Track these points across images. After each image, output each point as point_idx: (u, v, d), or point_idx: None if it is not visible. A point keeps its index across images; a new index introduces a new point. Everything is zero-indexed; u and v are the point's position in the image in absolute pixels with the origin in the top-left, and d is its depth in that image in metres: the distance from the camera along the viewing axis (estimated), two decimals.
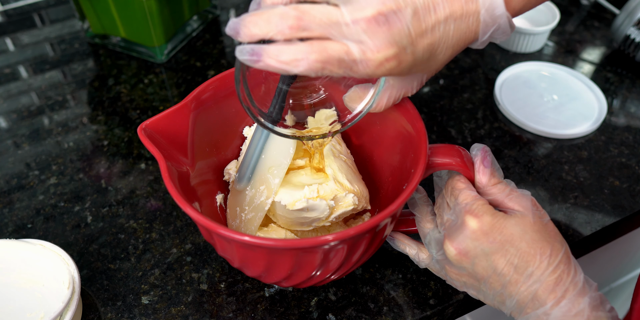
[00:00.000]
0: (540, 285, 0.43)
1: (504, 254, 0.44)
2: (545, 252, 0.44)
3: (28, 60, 0.83)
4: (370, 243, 0.48)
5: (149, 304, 0.56)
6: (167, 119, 0.51)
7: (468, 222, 0.45)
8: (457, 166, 0.48)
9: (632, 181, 0.68)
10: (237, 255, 0.48)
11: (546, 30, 0.81)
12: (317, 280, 0.51)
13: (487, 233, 0.45)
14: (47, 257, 0.53)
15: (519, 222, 0.45)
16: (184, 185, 0.50)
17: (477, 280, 0.47)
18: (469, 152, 0.49)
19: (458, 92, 0.79)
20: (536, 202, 0.47)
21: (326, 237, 0.42)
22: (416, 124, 0.50)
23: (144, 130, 0.49)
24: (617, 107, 0.77)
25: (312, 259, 0.46)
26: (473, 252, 0.45)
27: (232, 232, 0.43)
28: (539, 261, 0.44)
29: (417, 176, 0.46)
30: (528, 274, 0.44)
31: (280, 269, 0.47)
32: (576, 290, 0.43)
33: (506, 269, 0.44)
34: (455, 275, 0.49)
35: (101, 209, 0.64)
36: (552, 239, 0.45)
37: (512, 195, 0.47)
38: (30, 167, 0.69)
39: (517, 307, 0.45)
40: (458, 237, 0.46)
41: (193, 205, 0.49)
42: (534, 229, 0.45)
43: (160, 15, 0.76)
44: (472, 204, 0.46)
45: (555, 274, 0.43)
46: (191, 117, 0.52)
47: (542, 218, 0.46)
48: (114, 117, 0.75)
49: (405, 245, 0.54)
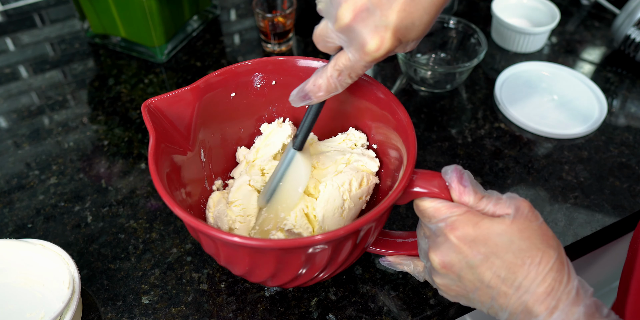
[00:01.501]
0: (531, 297, 0.41)
1: (489, 266, 0.43)
2: (535, 260, 0.42)
3: (28, 60, 0.83)
4: (354, 248, 0.48)
5: (149, 303, 0.56)
6: (173, 99, 0.52)
7: (449, 236, 0.44)
8: (437, 195, 0.47)
9: (632, 181, 0.68)
10: (222, 253, 0.48)
11: (546, 30, 0.81)
12: (303, 281, 0.51)
13: (470, 245, 0.43)
14: (47, 257, 0.53)
15: (505, 231, 0.43)
16: (173, 170, 0.51)
17: (466, 292, 0.45)
18: (443, 176, 0.47)
19: (458, 92, 0.79)
20: (528, 204, 0.45)
21: (314, 239, 0.42)
22: (411, 149, 0.49)
23: (147, 106, 0.50)
24: (617, 107, 0.77)
25: (295, 259, 0.46)
26: (458, 266, 0.44)
27: (213, 230, 0.43)
28: (527, 271, 0.42)
29: (390, 200, 0.45)
30: (517, 286, 0.42)
31: (264, 268, 0.47)
32: (569, 299, 0.41)
33: (493, 281, 0.43)
34: (445, 288, 0.47)
35: (101, 209, 0.64)
36: (544, 245, 0.43)
37: (499, 202, 0.45)
38: (30, 167, 0.69)
39: (511, 319, 0.44)
40: (441, 249, 0.44)
41: (178, 193, 0.50)
42: (522, 237, 0.43)
43: (161, 15, 0.76)
44: (449, 217, 0.44)
45: (546, 283, 0.41)
46: (198, 100, 0.53)
47: (534, 221, 0.44)
48: (114, 117, 0.75)
49: (403, 265, 0.53)
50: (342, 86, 0.47)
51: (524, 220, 0.44)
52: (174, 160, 0.51)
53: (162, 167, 0.48)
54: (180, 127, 0.53)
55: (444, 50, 0.82)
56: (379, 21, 0.41)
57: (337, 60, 0.45)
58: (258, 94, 0.58)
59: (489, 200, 0.45)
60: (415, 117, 0.75)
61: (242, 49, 0.85)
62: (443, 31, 0.80)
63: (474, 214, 0.44)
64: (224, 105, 0.57)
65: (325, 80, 0.46)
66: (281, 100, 0.59)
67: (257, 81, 0.57)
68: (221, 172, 0.60)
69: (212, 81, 0.54)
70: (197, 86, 0.53)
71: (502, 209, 0.45)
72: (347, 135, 0.58)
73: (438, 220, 0.45)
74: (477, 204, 0.45)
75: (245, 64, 0.56)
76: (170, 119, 0.52)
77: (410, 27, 0.42)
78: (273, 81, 0.57)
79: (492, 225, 0.43)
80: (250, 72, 0.56)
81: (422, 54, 0.82)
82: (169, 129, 0.52)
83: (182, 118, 0.53)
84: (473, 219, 0.44)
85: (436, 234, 0.45)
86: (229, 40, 0.87)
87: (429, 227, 0.46)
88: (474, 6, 0.92)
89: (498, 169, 0.69)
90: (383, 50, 0.42)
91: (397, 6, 0.41)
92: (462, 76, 0.77)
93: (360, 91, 0.55)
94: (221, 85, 0.55)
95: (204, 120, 0.55)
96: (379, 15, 0.41)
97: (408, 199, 0.48)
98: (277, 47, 0.83)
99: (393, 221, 0.63)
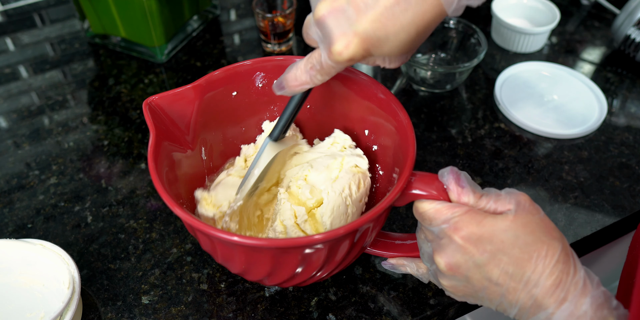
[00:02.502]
0: (540, 290, 0.42)
1: (497, 263, 0.42)
2: (541, 253, 0.42)
3: (28, 60, 0.83)
4: (352, 248, 0.48)
5: (149, 303, 0.56)
6: (175, 97, 0.52)
7: (453, 237, 0.44)
8: (435, 197, 0.46)
9: (632, 181, 0.68)
10: (219, 251, 0.48)
11: (546, 30, 0.81)
12: (301, 280, 0.51)
13: (476, 244, 0.43)
14: (47, 257, 0.53)
15: (509, 227, 0.43)
16: (173, 168, 0.51)
17: (474, 291, 0.45)
18: (440, 178, 0.47)
19: (458, 92, 0.79)
20: (528, 197, 0.45)
21: (311, 238, 0.42)
22: (410, 150, 0.49)
23: (149, 104, 0.51)
24: (617, 107, 0.77)
25: (291, 259, 0.46)
26: (465, 266, 0.44)
27: (210, 228, 0.43)
28: (534, 265, 0.42)
29: (386, 202, 0.45)
30: (525, 281, 0.42)
31: (260, 267, 0.47)
32: (577, 290, 0.41)
33: (502, 278, 0.43)
34: (452, 289, 0.47)
35: (101, 209, 0.64)
36: (548, 237, 0.43)
37: (499, 199, 0.45)
38: (30, 167, 0.69)
39: (521, 314, 0.44)
40: (447, 251, 0.44)
41: (177, 191, 0.50)
42: (527, 231, 0.43)
43: (161, 15, 0.76)
44: (451, 218, 0.44)
45: (554, 275, 0.41)
46: (200, 98, 0.54)
47: (535, 214, 0.44)
48: (114, 117, 0.75)
49: (405, 266, 0.53)
50: (314, 81, 0.46)
51: (526, 214, 0.44)
52: (173, 158, 0.51)
53: (162, 166, 0.48)
54: (181, 125, 0.53)
55: (444, 50, 0.82)
56: (350, 24, 0.41)
57: (312, 55, 0.45)
58: (260, 93, 0.58)
59: (488, 197, 0.45)
60: (415, 117, 0.75)
61: (242, 49, 0.85)
62: (443, 31, 0.80)
63: (476, 213, 0.44)
64: (225, 104, 0.57)
65: (299, 72, 0.46)
66: (283, 100, 0.59)
67: (259, 80, 0.57)
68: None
69: (214, 79, 0.54)
70: (199, 84, 0.53)
71: (503, 205, 0.45)
72: (334, 139, 0.57)
73: (440, 222, 0.45)
74: (478, 203, 0.45)
75: (246, 63, 0.56)
76: (171, 117, 0.52)
77: (383, 40, 0.41)
78: (275, 81, 0.57)
79: (495, 222, 0.43)
80: (252, 71, 0.56)
81: (422, 54, 0.82)
82: (170, 127, 0.52)
83: (184, 116, 0.53)
84: (476, 217, 0.44)
85: (439, 237, 0.45)
86: (229, 40, 0.87)
87: (431, 230, 0.46)
88: None
89: (498, 169, 0.69)
90: (347, 55, 0.42)
91: (373, 15, 0.40)
92: (462, 76, 0.77)
93: (361, 91, 0.55)
94: (223, 84, 0.55)
95: (205, 118, 0.55)
96: (353, 19, 0.40)
97: (406, 200, 0.47)
98: (277, 47, 0.83)
99: (393, 221, 0.63)
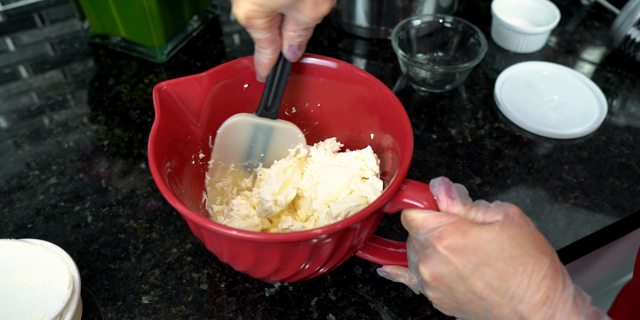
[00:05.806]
0: (526, 306, 0.40)
1: (480, 276, 0.41)
2: (527, 268, 0.40)
3: (28, 60, 0.83)
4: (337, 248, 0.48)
5: (149, 303, 0.56)
6: (187, 83, 0.53)
7: (437, 247, 0.43)
8: (425, 208, 0.46)
9: (632, 181, 0.68)
10: (225, 248, 0.48)
11: (546, 30, 0.81)
12: (306, 274, 0.51)
13: (460, 255, 0.42)
14: (47, 257, 0.53)
15: (495, 238, 0.41)
16: (174, 153, 0.51)
17: (459, 304, 0.44)
18: (431, 189, 0.46)
19: (458, 92, 0.79)
20: (518, 209, 0.44)
21: (315, 231, 0.43)
22: (406, 156, 0.49)
23: (159, 90, 0.51)
24: (617, 107, 0.77)
25: (300, 252, 0.46)
26: (448, 277, 0.42)
27: (217, 225, 0.43)
28: (519, 279, 0.40)
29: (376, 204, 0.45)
30: (510, 296, 0.40)
31: (269, 262, 0.47)
32: (567, 308, 0.40)
33: (485, 291, 0.41)
34: (438, 301, 0.45)
35: (101, 209, 0.64)
36: (536, 251, 0.41)
37: (488, 210, 0.44)
38: (30, 167, 0.69)
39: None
40: (431, 261, 0.43)
41: (176, 186, 0.51)
42: (513, 244, 0.41)
43: (161, 15, 0.76)
44: (437, 227, 0.43)
45: (541, 291, 0.40)
46: (212, 87, 0.54)
47: (525, 227, 0.43)
48: (114, 117, 0.75)
49: (399, 276, 0.53)
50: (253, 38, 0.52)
51: (515, 226, 0.42)
52: (177, 148, 0.52)
53: (161, 157, 0.48)
54: (189, 113, 0.54)
55: (443, 50, 0.82)
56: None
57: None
58: None
59: (477, 209, 0.44)
60: (415, 117, 0.75)
61: (242, 49, 0.85)
62: (443, 31, 0.80)
63: (463, 223, 0.43)
64: (236, 95, 0.57)
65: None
66: (292, 96, 0.59)
67: None
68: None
69: (228, 69, 0.55)
70: (213, 72, 0.54)
71: (491, 216, 0.43)
72: (360, 153, 0.56)
73: (426, 231, 0.44)
74: (467, 215, 0.44)
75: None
76: (179, 104, 0.52)
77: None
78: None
79: (481, 233, 0.42)
80: None
81: (422, 54, 0.82)
82: (177, 113, 0.52)
83: (193, 103, 0.54)
84: (462, 227, 0.43)
85: (424, 246, 0.44)
86: (229, 40, 0.87)
87: (418, 239, 0.45)
88: (474, 6, 0.92)
89: (498, 169, 0.69)
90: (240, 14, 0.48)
91: None
92: (462, 76, 0.77)
93: (361, 91, 0.55)
94: (236, 75, 0.56)
95: (215, 108, 0.56)
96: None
97: (396, 208, 0.47)
98: None
99: (393, 221, 0.63)
